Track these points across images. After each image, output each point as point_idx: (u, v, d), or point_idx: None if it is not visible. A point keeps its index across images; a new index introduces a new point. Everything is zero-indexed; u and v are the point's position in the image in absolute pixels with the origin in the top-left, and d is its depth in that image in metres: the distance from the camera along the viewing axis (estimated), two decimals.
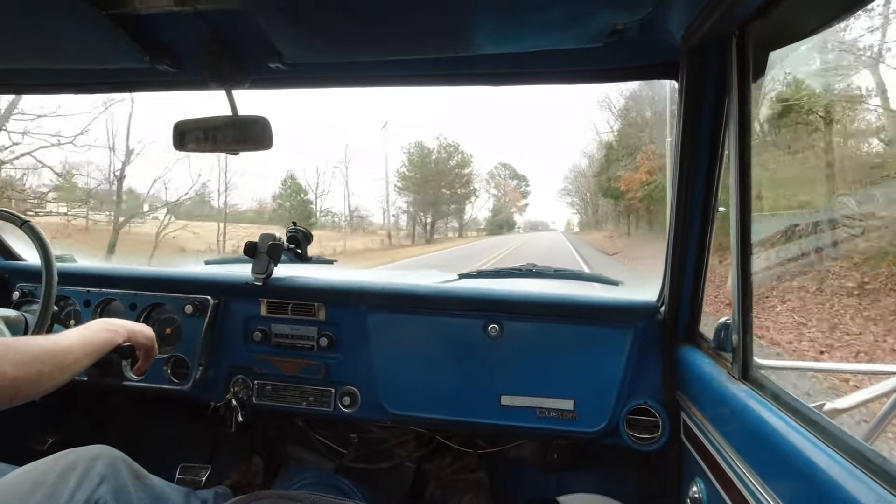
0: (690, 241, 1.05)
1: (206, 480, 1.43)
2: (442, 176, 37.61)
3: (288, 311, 1.37)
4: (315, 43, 0.97)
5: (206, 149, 1.23)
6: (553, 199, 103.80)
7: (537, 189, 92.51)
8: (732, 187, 0.84)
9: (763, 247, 6.33)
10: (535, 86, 1.17)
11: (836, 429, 0.63)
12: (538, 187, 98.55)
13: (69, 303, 1.47)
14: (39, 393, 0.78)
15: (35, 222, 1.29)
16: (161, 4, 0.88)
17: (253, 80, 1.20)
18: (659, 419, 1.16)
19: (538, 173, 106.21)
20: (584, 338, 1.22)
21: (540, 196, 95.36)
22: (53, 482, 0.79)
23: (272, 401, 1.36)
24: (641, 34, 0.91)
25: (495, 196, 51.99)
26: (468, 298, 1.29)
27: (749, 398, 0.79)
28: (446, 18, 0.85)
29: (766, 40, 0.83)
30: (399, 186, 36.14)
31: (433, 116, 67.00)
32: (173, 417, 1.70)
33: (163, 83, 1.28)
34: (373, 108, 72.19)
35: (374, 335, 1.31)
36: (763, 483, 0.70)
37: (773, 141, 7.69)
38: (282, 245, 1.34)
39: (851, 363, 4.43)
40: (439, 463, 1.59)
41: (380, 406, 1.29)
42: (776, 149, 7.57)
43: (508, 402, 1.23)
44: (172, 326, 1.40)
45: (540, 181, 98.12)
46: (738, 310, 0.85)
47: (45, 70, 1.25)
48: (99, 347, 0.91)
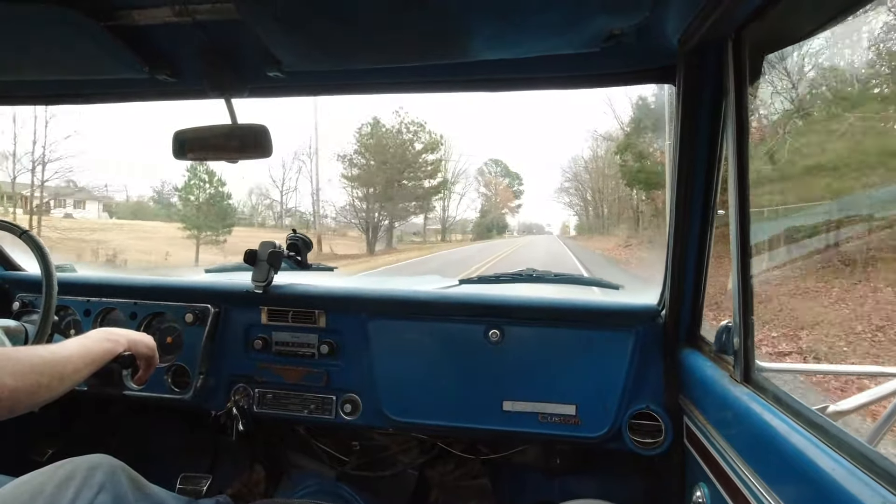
0: (690, 243, 1.05)
1: (207, 490, 1.42)
2: (401, 163, 28.13)
3: (288, 318, 1.37)
4: (313, 51, 0.98)
5: (206, 157, 1.23)
6: (549, 200, 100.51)
7: (531, 189, 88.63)
8: (731, 189, 0.84)
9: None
10: (532, 91, 1.18)
11: (839, 431, 0.62)
12: (532, 187, 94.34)
13: (69, 312, 1.47)
14: (39, 403, 0.77)
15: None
16: (160, 16, 0.89)
17: (252, 89, 1.21)
18: (661, 423, 1.15)
19: (532, 172, 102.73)
20: (585, 342, 1.21)
21: (534, 197, 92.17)
22: (52, 492, 0.79)
23: (273, 409, 1.35)
24: (638, 39, 0.92)
25: (485, 195, 47.21)
26: (469, 304, 1.29)
27: (751, 401, 0.79)
28: (444, 25, 0.86)
29: (762, 43, 0.84)
30: (346, 176, 27.74)
31: (418, 107, 62.60)
32: (174, 427, 1.69)
33: (162, 93, 1.28)
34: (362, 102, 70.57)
35: (374, 342, 1.31)
36: (767, 487, 0.69)
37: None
38: (282, 252, 1.34)
39: (854, 365, 4.40)
40: (442, 469, 1.58)
41: (381, 413, 1.29)
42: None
43: (510, 407, 1.23)
44: (173, 335, 1.40)
45: (534, 181, 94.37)
46: (739, 312, 0.84)
47: (44, 81, 1.26)
48: (99, 357, 0.91)
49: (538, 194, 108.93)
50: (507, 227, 53.81)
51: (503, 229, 51.90)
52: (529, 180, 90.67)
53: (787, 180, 7.40)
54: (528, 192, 74.50)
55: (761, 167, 7.34)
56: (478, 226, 46.37)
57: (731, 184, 0.84)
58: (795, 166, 7.33)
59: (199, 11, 0.87)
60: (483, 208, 46.65)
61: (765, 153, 7.57)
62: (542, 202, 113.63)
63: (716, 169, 0.99)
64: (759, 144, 7.65)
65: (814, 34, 0.79)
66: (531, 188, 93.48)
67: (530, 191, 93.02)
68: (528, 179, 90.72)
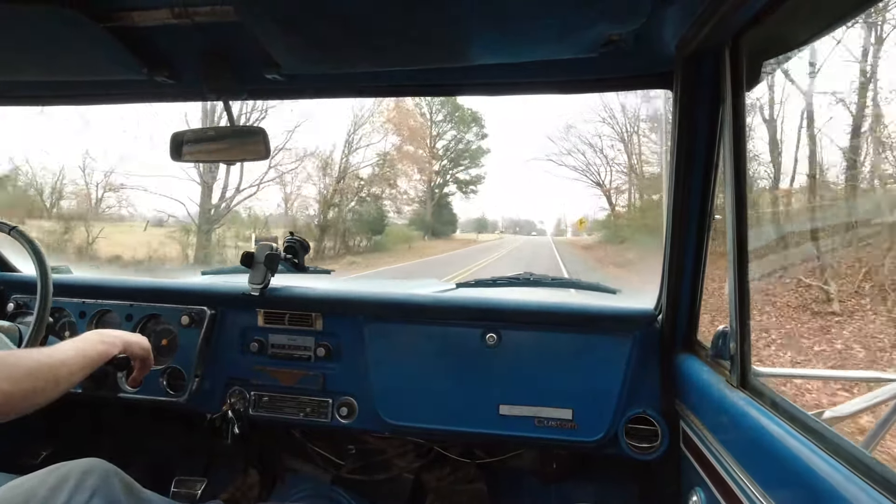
0: (687, 249, 1.06)
1: (201, 494, 1.41)
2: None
3: (285, 321, 1.36)
4: (312, 54, 0.98)
5: (204, 159, 1.23)
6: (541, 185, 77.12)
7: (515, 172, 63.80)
8: (728, 195, 0.85)
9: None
10: (530, 95, 1.18)
11: (835, 436, 0.62)
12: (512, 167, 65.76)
13: (64, 314, 1.46)
14: (33, 407, 0.77)
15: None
16: (159, 18, 0.89)
17: (250, 91, 1.21)
18: (658, 428, 1.15)
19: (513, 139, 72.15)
20: (582, 346, 1.21)
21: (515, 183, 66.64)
22: (44, 496, 0.78)
23: (269, 412, 1.35)
24: (636, 44, 0.92)
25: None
26: (466, 307, 1.29)
27: (748, 406, 0.79)
28: (443, 29, 0.86)
29: (760, 50, 0.84)
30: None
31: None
32: (169, 430, 1.68)
33: (161, 94, 1.28)
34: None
35: (371, 345, 1.31)
36: (763, 492, 0.69)
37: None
38: (279, 255, 1.34)
39: (850, 371, 4.40)
40: (438, 474, 1.58)
41: (377, 417, 1.28)
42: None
43: (507, 411, 1.22)
44: (169, 338, 1.39)
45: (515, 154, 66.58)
46: (736, 318, 0.85)
47: (43, 82, 1.26)
48: (94, 360, 0.91)
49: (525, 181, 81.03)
50: (454, 222, 30.64)
51: (448, 227, 29.52)
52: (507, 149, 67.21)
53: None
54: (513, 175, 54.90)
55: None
56: (421, 222, 26.34)
57: (728, 189, 0.85)
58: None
59: (198, 13, 0.87)
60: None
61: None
62: (532, 192, 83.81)
63: (713, 174, 1.00)
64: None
65: (811, 41, 0.79)
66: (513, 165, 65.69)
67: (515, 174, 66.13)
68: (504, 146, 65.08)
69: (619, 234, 18.56)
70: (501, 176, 65.93)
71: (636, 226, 17.11)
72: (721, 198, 0.92)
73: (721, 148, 0.94)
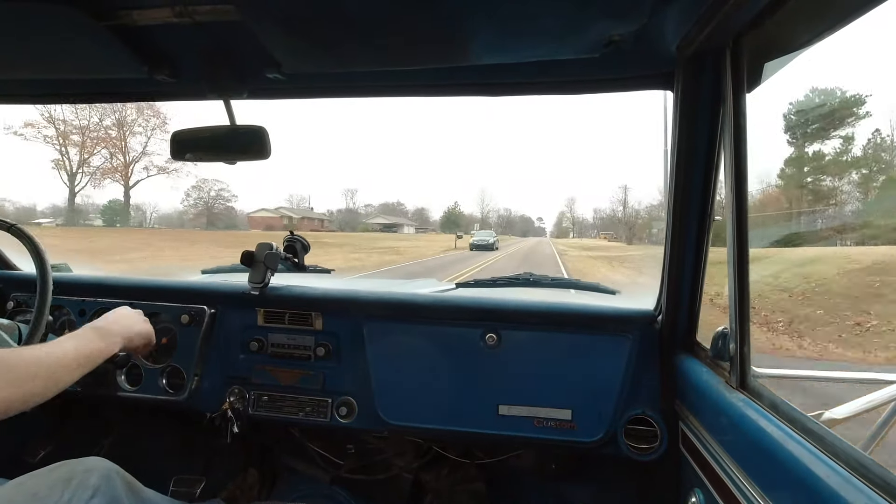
0: (687, 249, 1.05)
1: (200, 493, 1.41)
2: None
3: (285, 320, 1.36)
4: (313, 53, 0.98)
5: (205, 159, 1.23)
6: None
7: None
8: (728, 196, 0.84)
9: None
10: (530, 96, 1.18)
11: (834, 438, 0.62)
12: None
13: (64, 312, 1.46)
14: (31, 405, 0.77)
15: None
16: (160, 16, 0.89)
17: (251, 91, 1.21)
18: (657, 429, 1.15)
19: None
20: (581, 347, 1.21)
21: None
22: (46, 495, 0.78)
23: (268, 411, 1.35)
24: (637, 45, 0.92)
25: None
26: (465, 308, 1.29)
27: (747, 407, 0.79)
28: (443, 29, 0.86)
29: (761, 51, 0.84)
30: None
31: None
32: (168, 428, 1.68)
33: (161, 93, 1.28)
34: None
35: (371, 345, 1.31)
36: (762, 493, 0.69)
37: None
38: (279, 254, 1.34)
39: (850, 371, 4.38)
40: (437, 473, 1.58)
41: (377, 416, 1.28)
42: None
43: (506, 411, 1.22)
44: (168, 336, 1.39)
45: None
46: (735, 319, 0.84)
47: (43, 80, 1.25)
48: (93, 358, 0.91)
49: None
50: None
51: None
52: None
53: None
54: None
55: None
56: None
57: (728, 190, 0.84)
58: None
59: (199, 12, 0.87)
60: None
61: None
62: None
63: (713, 175, 0.99)
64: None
65: (813, 42, 0.79)
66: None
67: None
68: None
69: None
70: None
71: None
72: (721, 198, 0.92)
73: (721, 149, 0.94)
